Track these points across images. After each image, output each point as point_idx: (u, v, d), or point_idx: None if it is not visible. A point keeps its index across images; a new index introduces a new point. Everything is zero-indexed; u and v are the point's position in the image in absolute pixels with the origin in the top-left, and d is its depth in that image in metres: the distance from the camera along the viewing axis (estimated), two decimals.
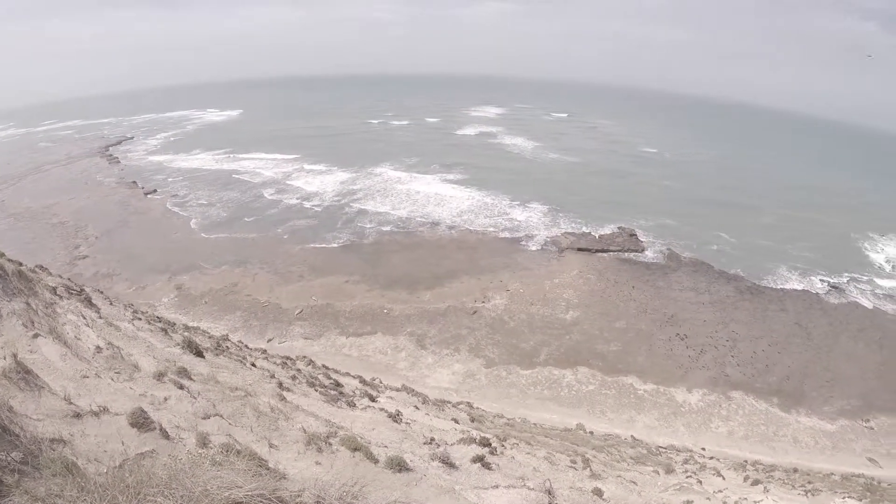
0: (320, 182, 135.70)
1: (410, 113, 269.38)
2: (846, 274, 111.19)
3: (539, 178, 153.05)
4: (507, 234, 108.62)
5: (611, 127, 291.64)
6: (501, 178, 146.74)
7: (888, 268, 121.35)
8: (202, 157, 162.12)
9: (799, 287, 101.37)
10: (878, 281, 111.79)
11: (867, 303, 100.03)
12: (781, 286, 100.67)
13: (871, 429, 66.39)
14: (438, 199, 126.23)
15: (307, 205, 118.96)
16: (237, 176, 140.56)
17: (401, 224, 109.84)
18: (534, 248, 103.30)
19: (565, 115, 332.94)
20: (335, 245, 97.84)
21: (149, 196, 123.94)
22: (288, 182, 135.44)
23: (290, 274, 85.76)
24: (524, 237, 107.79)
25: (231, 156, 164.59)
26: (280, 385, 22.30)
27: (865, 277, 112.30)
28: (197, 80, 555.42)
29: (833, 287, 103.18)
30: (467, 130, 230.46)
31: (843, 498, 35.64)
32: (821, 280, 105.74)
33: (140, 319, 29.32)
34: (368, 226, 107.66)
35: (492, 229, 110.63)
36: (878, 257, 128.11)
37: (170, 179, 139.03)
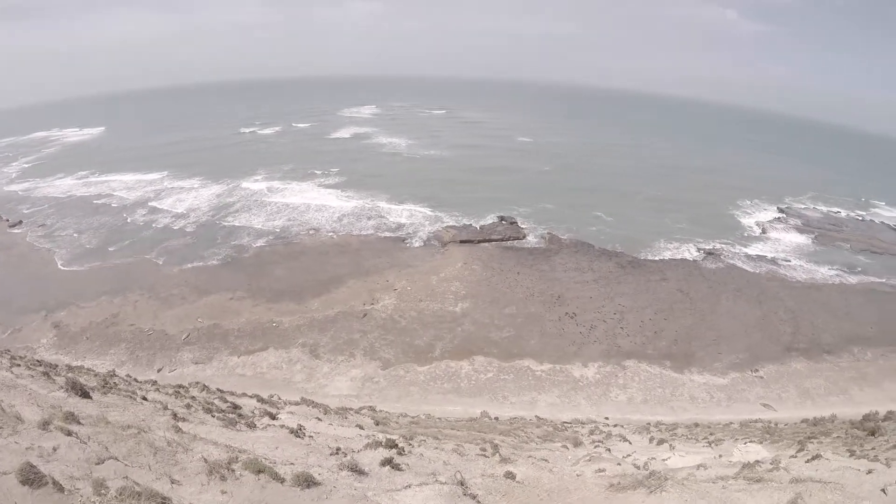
0: (193, 198, 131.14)
1: (283, 118, 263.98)
2: (721, 240, 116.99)
3: (417, 175, 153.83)
4: (389, 234, 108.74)
5: (488, 120, 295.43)
6: (379, 178, 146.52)
7: (758, 230, 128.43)
8: (67, 182, 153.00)
9: (678, 257, 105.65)
10: (750, 243, 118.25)
11: (742, 264, 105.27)
12: (661, 257, 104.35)
13: (761, 378, 70.57)
14: (317, 205, 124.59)
15: (181, 223, 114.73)
16: (105, 199, 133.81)
17: (281, 234, 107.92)
18: (417, 245, 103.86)
19: (443, 111, 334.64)
20: (215, 262, 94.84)
21: (12, 230, 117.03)
22: (159, 201, 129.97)
23: (171, 297, 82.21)
24: (406, 235, 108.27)
25: (97, 178, 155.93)
26: (174, 416, 21.53)
27: (738, 241, 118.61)
28: (61, 96, 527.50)
29: (709, 253, 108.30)
30: (342, 133, 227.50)
31: (745, 443, 36.97)
32: (697, 248, 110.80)
33: (19, 366, 27.87)
34: (247, 239, 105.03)
35: (373, 230, 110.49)
36: (748, 221, 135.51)
37: (34, 209, 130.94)
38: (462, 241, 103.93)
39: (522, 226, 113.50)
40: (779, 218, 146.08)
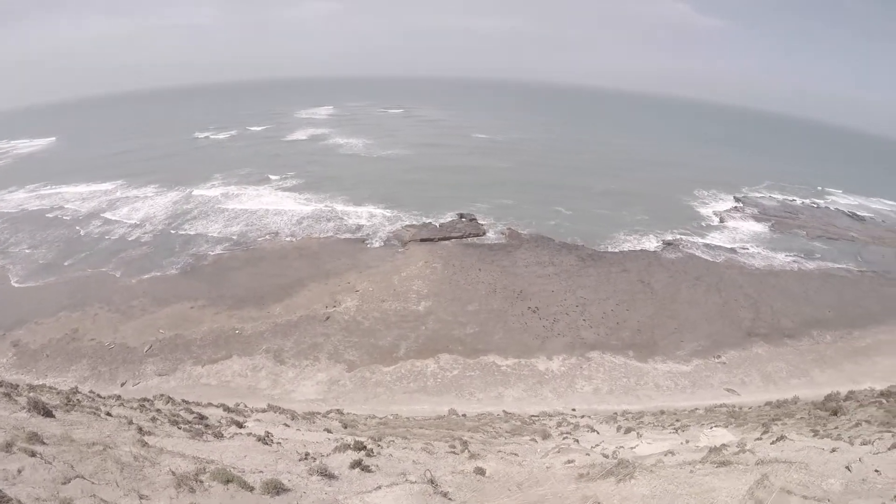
0: (149, 206, 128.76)
1: (238, 122, 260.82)
2: (679, 230, 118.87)
3: (375, 175, 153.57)
4: (348, 235, 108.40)
5: (445, 118, 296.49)
6: (337, 180, 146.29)
7: (716, 220, 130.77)
8: (18, 196, 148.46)
9: (637, 248, 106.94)
10: (708, 233, 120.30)
11: (701, 253, 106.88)
12: (621, 249, 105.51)
13: (724, 363, 71.90)
14: (275, 209, 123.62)
15: (138, 233, 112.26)
16: (58, 212, 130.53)
17: (239, 240, 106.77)
18: (377, 246, 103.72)
19: (400, 110, 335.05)
20: (174, 271, 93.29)
21: None
22: (114, 211, 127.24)
23: (131, 309, 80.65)
24: (366, 236, 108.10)
25: (49, 190, 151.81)
26: (140, 430, 21.27)
27: (697, 231, 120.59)
28: (9, 106, 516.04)
29: (668, 244, 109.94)
30: (298, 135, 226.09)
31: (711, 428, 37.53)
32: (657, 239, 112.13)
33: None
34: (206, 246, 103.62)
35: (333, 232, 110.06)
36: (706, 211, 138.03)
37: None
38: (422, 240, 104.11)
39: (482, 222, 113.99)
40: (736, 207, 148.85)
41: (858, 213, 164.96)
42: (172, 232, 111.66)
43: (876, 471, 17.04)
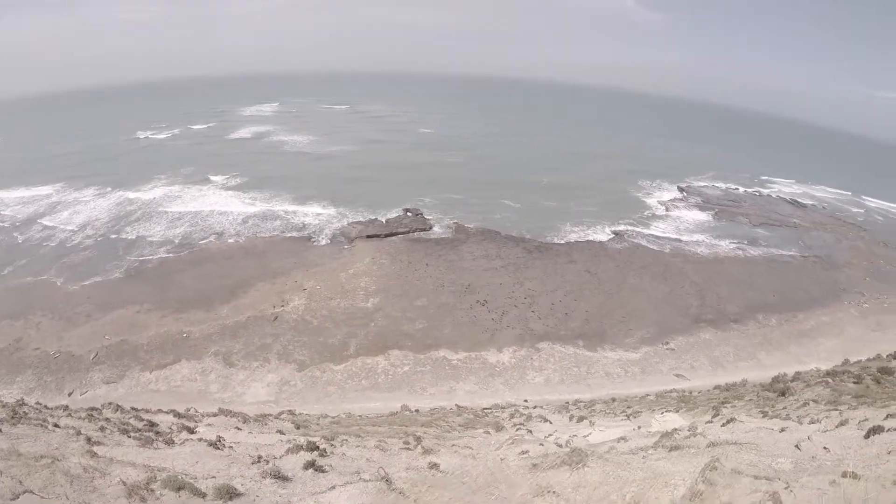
0: (90, 210, 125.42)
1: (181, 120, 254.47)
2: (625, 221, 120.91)
3: (321, 172, 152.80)
4: (295, 234, 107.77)
5: (390, 114, 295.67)
6: (282, 178, 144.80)
7: (661, 210, 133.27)
8: None
9: (584, 239, 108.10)
10: (654, 222, 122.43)
11: (647, 243, 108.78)
12: (567, 240, 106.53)
13: (672, 350, 73.48)
14: (220, 209, 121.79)
15: (79, 237, 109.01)
16: None
17: (184, 241, 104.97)
18: (324, 243, 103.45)
19: (346, 106, 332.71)
20: (118, 275, 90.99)
21: None
22: (54, 215, 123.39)
23: (76, 316, 78.45)
24: (312, 234, 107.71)
25: None
26: (89, 440, 21.03)
27: (642, 221, 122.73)
28: None
29: (615, 234, 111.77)
30: (242, 133, 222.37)
31: (662, 413, 38.19)
32: (603, 230, 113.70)
33: None
34: (150, 248, 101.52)
35: (279, 231, 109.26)
36: (651, 201, 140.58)
37: None
38: (369, 236, 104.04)
39: (428, 217, 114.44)
40: (680, 197, 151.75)
41: (800, 201, 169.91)
42: (115, 235, 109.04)
43: (825, 448, 17.60)
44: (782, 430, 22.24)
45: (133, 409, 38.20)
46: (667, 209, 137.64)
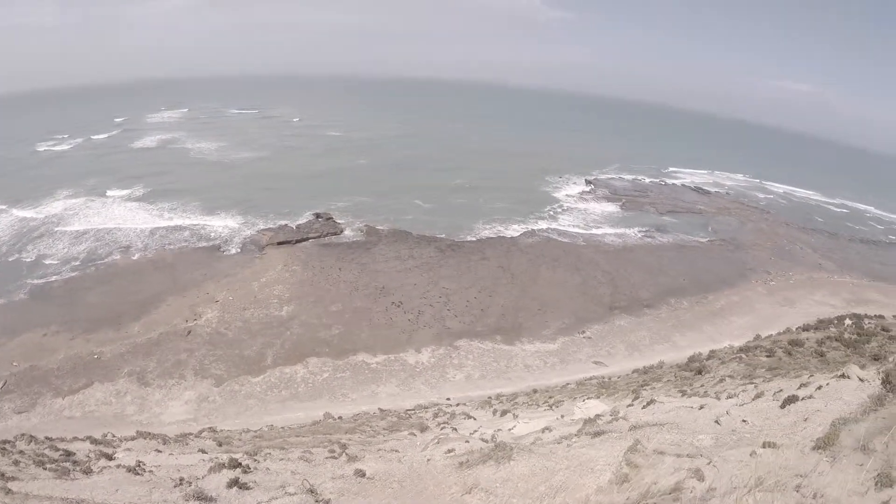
0: None
1: (83, 130, 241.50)
2: (536, 215, 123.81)
3: (229, 179, 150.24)
4: (204, 244, 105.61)
5: (299, 117, 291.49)
6: (190, 186, 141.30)
7: (569, 203, 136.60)
8: None
9: (495, 235, 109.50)
10: (563, 215, 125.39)
11: (557, 236, 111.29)
12: (479, 238, 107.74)
13: (589, 338, 75.86)
14: (126, 221, 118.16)
15: None
16: None
17: (90, 257, 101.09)
18: (234, 252, 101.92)
19: (255, 111, 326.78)
20: (22, 297, 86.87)
21: None
22: None
23: None
24: (222, 243, 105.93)
25: None
26: (3, 476, 20.57)
27: (552, 215, 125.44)
28: None
29: (526, 229, 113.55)
30: (147, 141, 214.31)
31: (584, 400, 39.05)
32: (514, 225, 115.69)
33: None
34: (54, 267, 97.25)
35: (187, 242, 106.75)
36: (559, 195, 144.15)
37: None
38: (280, 243, 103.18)
39: (339, 221, 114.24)
40: (589, 190, 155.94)
41: (704, 188, 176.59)
42: (16, 256, 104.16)
43: (743, 421, 18.26)
44: (701, 407, 23.05)
45: (48, 438, 37.15)
46: (576, 202, 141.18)
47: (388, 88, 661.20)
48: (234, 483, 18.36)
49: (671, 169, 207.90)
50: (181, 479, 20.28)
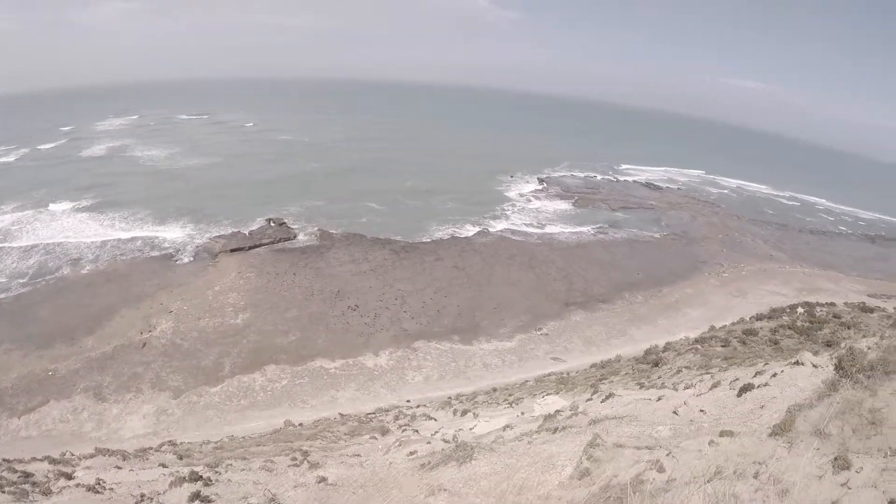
0: None
1: (27, 140, 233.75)
2: (489, 215, 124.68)
3: (180, 187, 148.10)
4: (156, 254, 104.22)
5: (250, 122, 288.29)
6: (140, 195, 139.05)
7: (522, 201, 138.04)
8: None
9: (449, 236, 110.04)
10: (516, 214, 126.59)
11: (511, 235, 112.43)
12: (433, 238, 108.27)
13: (546, 335, 76.87)
14: (76, 233, 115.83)
15: None
16: None
17: (39, 271, 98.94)
18: (187, 261, 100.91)
19: (205, 116, 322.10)
20: None
21: None
22: None
23: None
24: (174, 252, 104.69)
25: None
26: None
27: (505, 214, 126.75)
28: None
29: (479, 229, 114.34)
30: (96, 150, 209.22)
31: (543, 396, 39.72)
32: (468, 225, 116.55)
33: None
34: (2, 283, 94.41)
35: (139, 252, 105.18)
36: (512, 194, 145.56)
37: None
38: (233, 250, 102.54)
39: (293, 226, 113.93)
40: (541, 188, 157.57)
41: (656, 184, 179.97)
42: None
43: (701, 411, 18.93)
44: (659, 398, 23.61)
45: (5, 460, 36.73)
46: (529, 200, 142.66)
47: (342, 91, 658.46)
48: (195, 497, 18.55)
49: (624, 166, 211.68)
50: (142, 496, 20.43)
